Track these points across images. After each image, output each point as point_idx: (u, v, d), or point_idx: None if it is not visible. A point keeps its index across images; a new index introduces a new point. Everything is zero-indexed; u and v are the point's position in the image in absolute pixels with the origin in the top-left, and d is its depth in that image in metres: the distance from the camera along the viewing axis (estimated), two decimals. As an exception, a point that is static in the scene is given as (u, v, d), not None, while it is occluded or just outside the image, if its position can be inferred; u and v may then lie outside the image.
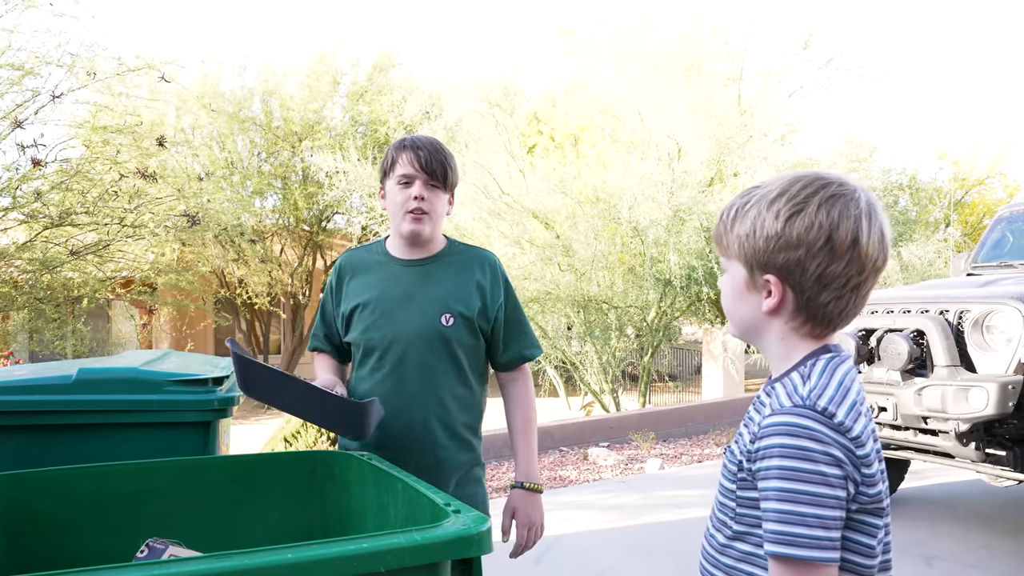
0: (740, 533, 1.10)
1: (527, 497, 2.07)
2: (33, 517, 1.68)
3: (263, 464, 1.93)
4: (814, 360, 1.10)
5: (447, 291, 2.01)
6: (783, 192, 1.09)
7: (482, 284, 2.05)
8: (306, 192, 14.72)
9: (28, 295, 8.30)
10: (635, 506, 5.48)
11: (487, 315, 2.04)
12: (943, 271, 11.94)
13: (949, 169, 18.34)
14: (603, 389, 10.62)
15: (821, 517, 0.99)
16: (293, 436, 7.29)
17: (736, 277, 1.15)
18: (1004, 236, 5.50)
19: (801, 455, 1.00)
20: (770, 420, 1.04)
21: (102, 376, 1.96)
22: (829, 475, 0.99)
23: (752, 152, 10.14)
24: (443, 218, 2.08)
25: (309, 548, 1.16)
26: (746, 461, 1.08)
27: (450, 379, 2.01)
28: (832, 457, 1.00)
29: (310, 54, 15.03)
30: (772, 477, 1.01)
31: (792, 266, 1.07)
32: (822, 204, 1.06)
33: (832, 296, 1.08)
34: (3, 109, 7.79)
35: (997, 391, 3.84)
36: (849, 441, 1.01)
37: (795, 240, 1.06)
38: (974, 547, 4.37)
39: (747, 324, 1.16)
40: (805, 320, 1.10)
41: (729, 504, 1.13)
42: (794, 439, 1.01)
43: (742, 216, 1.12)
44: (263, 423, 12.05)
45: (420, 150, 2.00)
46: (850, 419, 1.02)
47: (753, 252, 1.10)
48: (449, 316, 1.99)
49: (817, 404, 1.03)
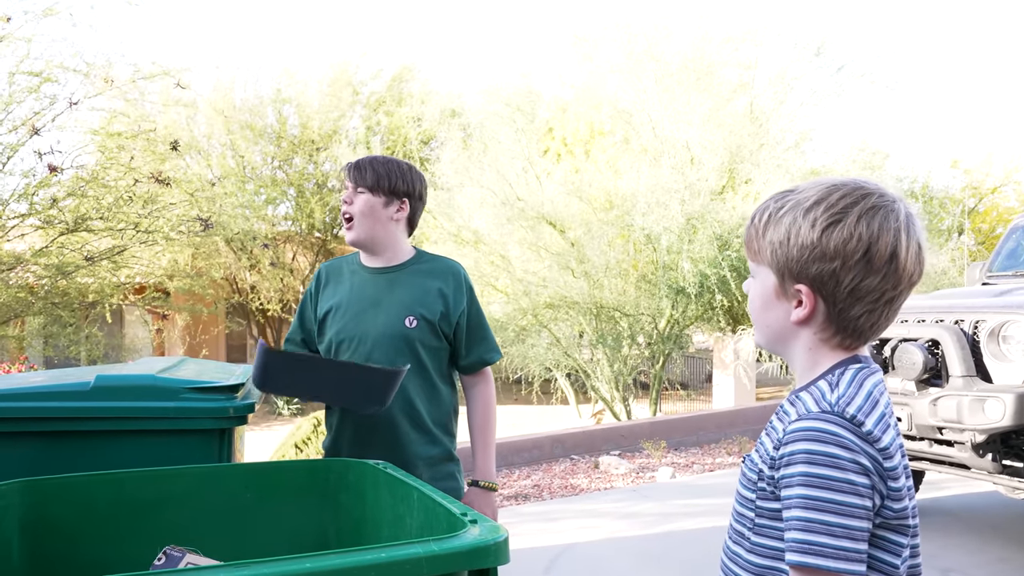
0: (759, 545, 1.07)
1: (483, 495, 2.23)
2: (50, 524, 1.68)
3: (278, 472, 1.93)
4: (843, 369, 1.07)
5: (411, 296, 2.17)
6: (821, 200, 1.05)
7: (444, 291, 2.19)
8: (322, 200, 14.80)
9: (44, 300, 8.37)
10: (647, 515, 5.45)
11: (449, 319, 2.19)
12: (957, 280, 11.85)
13: (962, 177, 18.24)
14: (614, 397, 10.60)
15: (848, 527, 0.95)
16: (304, 442, 7.31)
17: (765, 284, 1.11)
18: (1019, 245, 5.45)
19: (829, 462, 0.96)
20: (796, 425, 1.01)
21: (119, 383, 1.97)
22: (857, 484, 0.96)
23: (765, 159, 10.11)
24: (382, 223, 2.18)
25: (328, 557, 1.16)
26: (768, 468, 1.04)
27: (414, 377, 2.13)
28: (860, 466, 0.97)
29: (332, 64, 15.17)
30: (796, 484, 0.98)
31: (826, 277, 1.04)
32: (862, 215, 1.02)
33: (865, 309, 1.05)
34: (21, 116, 7.87)
35: (1014, 402, 3.80)
36: (877, 452, 0.98)
37: (832, 251, 1.02)
38: (990, 560, 4.33)
39: (774, 332, 1.13)
40: (835, 332, 1.07)
41: (747, 514, 1.09)
42: (821, 445, 0.97)
43: (775, 221, 1.08)
44: (274, 429, 12.08)
45: (352, 163, 2.21)
46: (879, 430, 1.00)
47: (786, 260, 1.06)
48: (412, 319, 2.14)
49: (846, 411, 1.00)
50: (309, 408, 13.64)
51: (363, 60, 15.57)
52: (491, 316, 10.56)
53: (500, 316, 10.42)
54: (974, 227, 17.69)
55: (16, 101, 7.84)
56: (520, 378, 11.55)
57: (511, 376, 11.69)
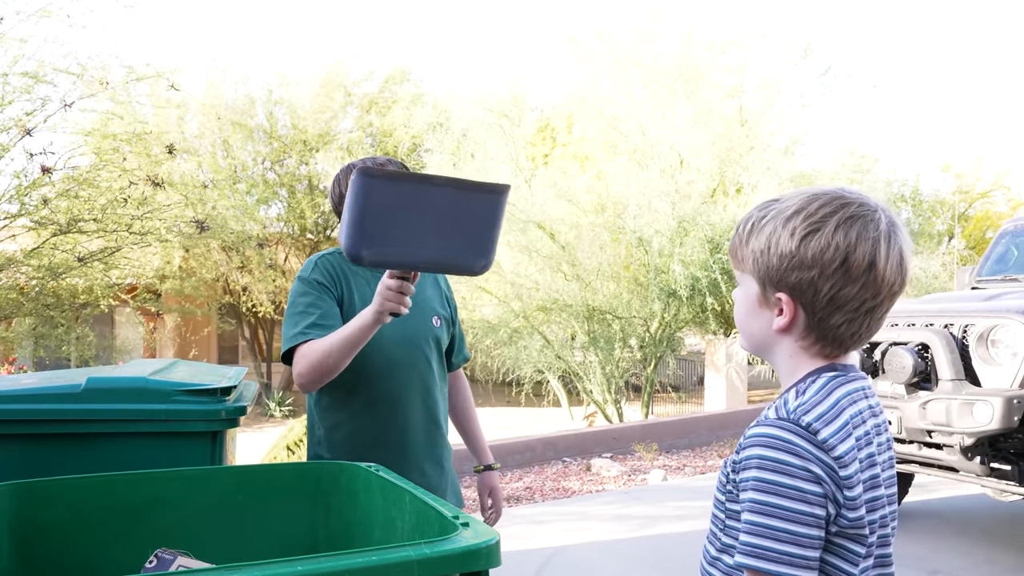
0: (727, 546, 1.09)
1: (495, 476, 2.37)
2: (40, 526, 1.68)
3: (270, 474, 1.93)
4: (815, 378, 1.08)
5: (430, 297, 2.20)
6: (801, 209, 1.06)
7: (445, 292, 2.29)
8: (312, 201, 14.77)
9: (35, 302, 8.33)
10: (638, 517, 5.46)
11: (453, 320, 2.30)
12: (947, 284, 11.92)
13: (952, 182, 18.35)
14: (606, 400, 10.61)
15: (794, 533, 0.97)
16: (296, 444, 7.29)
17: (749, 292, 1.13)
18: (1008, 250, 5.49)
19: (778, 468, 0.98)
20: (753, 431, 1.03)
21: (111, 385, 1.97)
22: (806, 491, 0.97)
23: (754, 163, 10.15)
24: None
25: (319, 560, 1.16)
26: (731, 472, 1.07)
27: (442, 375, 2.21)
28: (811, 473, 0.98)
29: (324, 65, 15.13)
30: (749, 488, 1.00)
31: (805, 286, 1.05)
32: (840, 225, 1.03)
33: (845, 318, 1.05)
34: (12, 117, 7.84)
35: (1002, 405, 3.83)
36: (832, 459, 0.99)
37: (809, 260, 1.03)
38: (977, 562, 4.36)
39: (758, 340, 1.15)
40: (816, 340, 1.08)
41: (719, 515, 1.12)
42: (772, 451, 0.99)
43: (758, 231, 1.09)
44: (266, 431, 12.05)
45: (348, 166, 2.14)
46: (836, 438, 1.01)
47: (766, 269, 1.07)
48: (437, 318, 2.19)
49: (802, 419, 1.01)
50: (300, 410, 13.61)
51: (355, 61, 15.55)
52: (483, 318, 10.57)
53: (492, 318, 10.42)
54: (964, 232, 17.81)
55: (7, 101, 7.81)
56: (512, 380, 11.56)
57: (503, 378, 11.70)
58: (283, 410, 14.46)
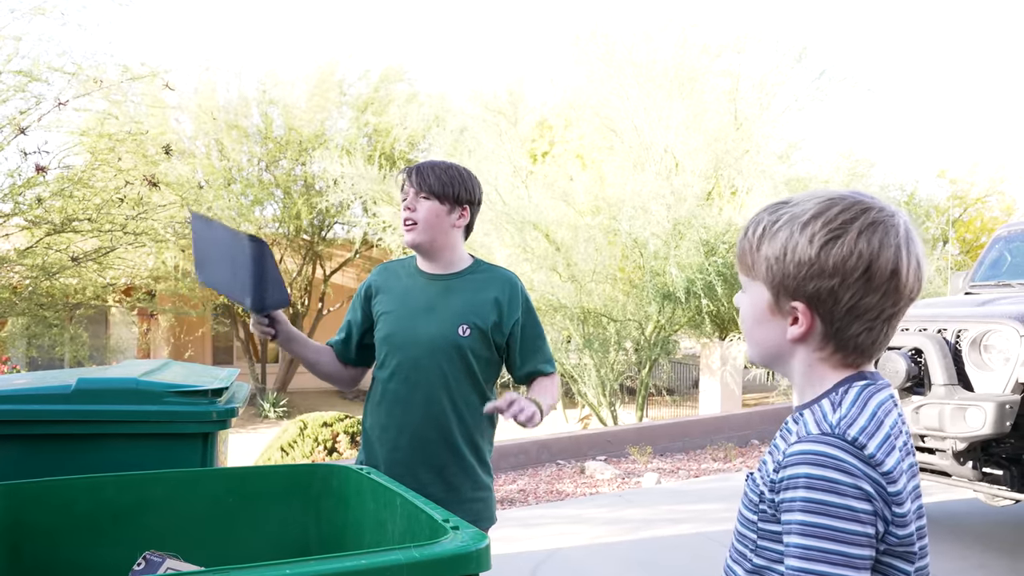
0: (760, 567, 1.04)
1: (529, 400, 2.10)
2: (29, 528, 1.67)
3: (261, 477, 1.93)
4: (847, 387, 1.03)
5: (466, 304, 2.15)
6: (819, 214, 1.00)
7: (500, 300, 2.17)
8: (308, 202, 14.75)
9: (28, 301, 8.30)
10: (632, 520, 5.46)
11: (502, 329, 2.17)
12: (942, 289, 11.95)
13: (947, 187, 18.42)
14: (601, 402, 10.61)
15: (848, 555, 0.92)
16: (290, 445, 7.28)
17: (758, 299, 1.07)
18: (1002, 255, 5.51)
19: (828, 487, 0.93)
20: (796, 448, 0.97)
21: (101, 386, 1.96)
22: (858, 510, 0.93)
23: (749, 166, 10.17)
24: (444, 230, 2.16)
25: (307, 564, 1.16)
26: (768, 491, 1.01)
27: (464, 386, 2.14)
28: (862, 491, 0.93)
29: (318, 65, 15.10)
30: (796, 510, 0.95)
31: (824, 295, 1.00)
32: (862, 231, 0.98)
33: (864, 327, 1.01)
34: (7, 115, 7.82)
35: (995, 410, 3.84)
36: (880, 476, 0.95)
37: (830, 268, 0.98)
38: (970, 567, 4.36)
39: (768, 350, 1.09)
40: (834, 350, 1.03)
41: (750, 535, 1.06)
42: (821, 469, 0.94)
43: (771, 236, 1.03)
44: (260, 432, 12.02)
45: (414, 168, 2.18)
46: (882, 452, 0.96)
47: (782, 277, 1.02)
48: (466, 327, 2.12)
49: (847, 433, 0.97)
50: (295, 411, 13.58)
51: (350, 61, 15.56)
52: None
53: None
54: (959, 236, 17.87)
55: (2, 100, 7.79)
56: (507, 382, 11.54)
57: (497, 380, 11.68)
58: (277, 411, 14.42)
